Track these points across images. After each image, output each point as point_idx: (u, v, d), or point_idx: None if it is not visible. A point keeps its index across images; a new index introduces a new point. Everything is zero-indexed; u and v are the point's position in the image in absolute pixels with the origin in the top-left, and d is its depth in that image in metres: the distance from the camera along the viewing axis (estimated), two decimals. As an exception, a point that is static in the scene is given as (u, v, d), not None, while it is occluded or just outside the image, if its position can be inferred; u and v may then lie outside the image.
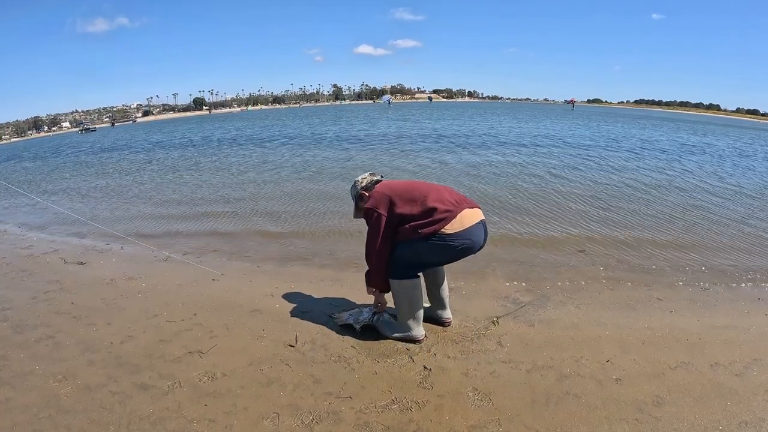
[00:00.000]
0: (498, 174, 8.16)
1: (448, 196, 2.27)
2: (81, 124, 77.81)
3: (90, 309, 3.01)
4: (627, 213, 5.46)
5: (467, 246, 2.22)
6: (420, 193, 2.27)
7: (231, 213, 5.97)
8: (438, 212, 2.19)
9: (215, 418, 1.85)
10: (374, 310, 2.61)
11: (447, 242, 2.18)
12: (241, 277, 3.56)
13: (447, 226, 2.17)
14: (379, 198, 2.31)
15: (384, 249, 2.29)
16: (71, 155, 18.79)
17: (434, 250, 2.22)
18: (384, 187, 2.37)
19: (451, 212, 2.19)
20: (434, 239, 2.19)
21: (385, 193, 2.31)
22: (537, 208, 5.69)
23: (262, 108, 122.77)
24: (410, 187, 2.33)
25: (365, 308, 2.73)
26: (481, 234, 2.27)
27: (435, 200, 2.22)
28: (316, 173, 8.90)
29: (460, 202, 2.28)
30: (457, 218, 2.19)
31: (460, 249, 2.22)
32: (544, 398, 1.94)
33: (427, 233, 2.18)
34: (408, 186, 2.35)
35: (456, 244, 2.19)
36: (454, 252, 2.23)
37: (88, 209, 6.88)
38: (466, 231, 2.19)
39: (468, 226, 2.20)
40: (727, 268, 3.70)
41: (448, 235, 2.18)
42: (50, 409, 1.95)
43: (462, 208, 2.23)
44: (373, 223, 2.30)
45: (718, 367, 2.16)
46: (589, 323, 2.64)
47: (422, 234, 2.19)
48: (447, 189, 2.35)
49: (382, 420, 1.82)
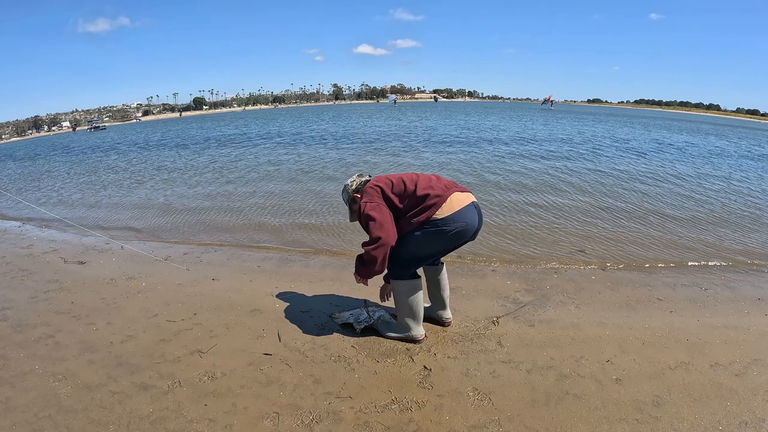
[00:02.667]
0: (498, 174, 8.16)
1: (436, 182, 2.25)
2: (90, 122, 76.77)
3: (90, 308, 3.00)
4: (627, 213, 5.47)
5: (461, 229, 2.18)
6: (409, 183, 2.25)
7: (231, 213, 5.97)
8: (428, 198, 2.17)
9: (215, 418, 1.85)
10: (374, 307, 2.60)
11: (440, 227, 2.16)
12: (241, 276, 3.56)
13: (438, 211, 2.15)
14: (372, 192, 2.29)
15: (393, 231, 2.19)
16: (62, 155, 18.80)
17: (429, 238, 2.19)
18: (374, 182, 2.34)
19: (440, 197, 2.18)
20: (427, 227, 2.17)
21: (377, 187, 2.29)
22: (537, 208, 5.69)
23: (261, 108, 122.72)
24: (399, 180, 2.30)
25: (365, 308, 2.72)
26: (474, 216, 2.23)
27: (424, 188, 2.21)
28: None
29: (449, 186, 2.26)
30: (447, 202, 2.17)
31: (454, 233, 2.18)
32: (544, 398, 1.94)
33: (420, 221, 2.17)
34: (397, 179, 2.32)
35: (449, 228, 2.16)
36: (448, 237, 2.19)
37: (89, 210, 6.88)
38: (457, 213, 2.16)
39: (458, 208, 2.17)
40: (728, 267, 3.70)
41: (441, 220, 2.15)
42: (50, 408, 1.95)
43: (451, 192, 2.21)
44: (371, 214, 2.20)
45: (718, 367, 2.16)
46: (589, 323, 2.64)
47: (415, 223, 2.18)
48: (435, 176, 2.34)
49: (382, 420, 1.82)
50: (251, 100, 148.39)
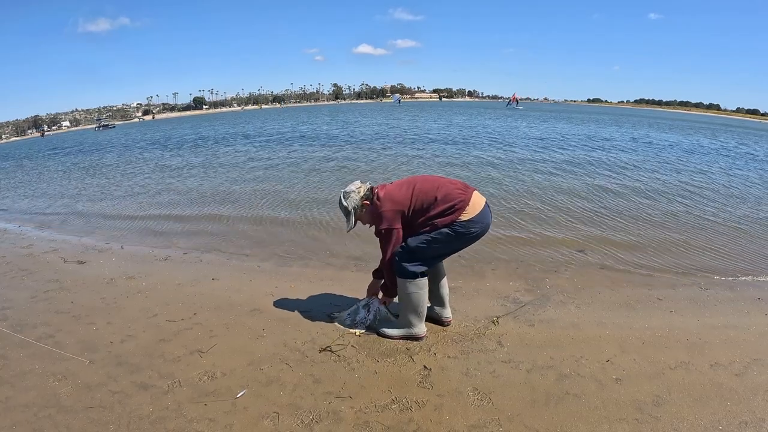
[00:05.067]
0: (498, 173, 8.16)
1: (453, 187, 2.27)
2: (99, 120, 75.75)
3: (90, 308, 3.00)
4: (626, 213, 5.46)
5: (481, 230, 2.26)
6: (429, 193, 2.25)
7: (231, 211, 5.98)
8: (452, 202, 2.20)
9: (215, 418, 1.85)
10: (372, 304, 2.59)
11: (466, 228, 2.20)
12: (241, 276, 3.56)
13: (463, 213, 2.19)
14: (392, 216, 2.26)
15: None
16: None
17: (451, 238, 2.22)
18: (391, 203, 2.27)
19: (463, 200, 2.21)
20: (452, 228, 2.20)
21: (397, 210, 2.26)
22: (537, 208, 5.69)
23: (262, 107, 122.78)
24: (416, 191, 2.26)
25: (364, 308, 2.71)
26: (489, 215, 2.31)
27: (445, 194, 2.23)
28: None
29: (466, 187, 2.30)
30: (470, 204, 2.21)
31: (475, 234, 2.25)
32: (544, 398, 1.94)
33: (444, 223, 2.20)
34: (413, 191, 2.27)
35: (474, 229, 2.22)
36: (470, 238, 2.26)
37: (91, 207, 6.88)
38: (479, 215, 2.22)
39: (480, 209, 2.23)
40: (728, 267, 3.70)
41: (466, 222, 2.20)
42: (50, 408, 1.95)
43: (470, 193, 2.26)
44: (393, 242, 2.28)
45: (718, 367, 2.16)
46: (589, 323, 2.64)
47: (438, 224, 2.20)
48: (448, 179, 2.36)
49: (381, 419, 1.82)
50: (251, 100, 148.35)
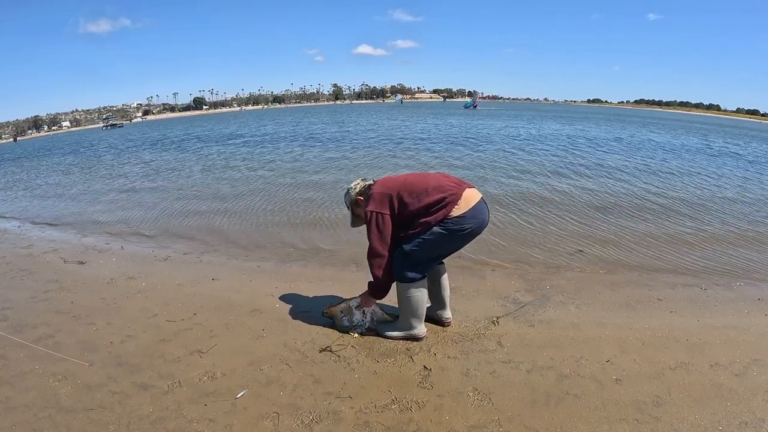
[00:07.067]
0: (498, 173, 8.16)
1: (446, 180, 2.25)
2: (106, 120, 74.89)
3: (90, 308, 3.00)
4: (626, 213, 5.46)
5: (475, 227, 2.19)
6: (419, 184, 2.23)
7: (231, 211, 5.98)
8: (443, 197, 2.16)
9: (215, 418, 1.85)
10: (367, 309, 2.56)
11: (458, 225, 2.15)
12: (241, 276, 3.56)
13: (454, 208, 2.15)
14: (379, 199, 2.25)
15: (389, 245, 2.25)
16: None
17: (445, 237, 2.17)
18: (381, 187, 2.30)
19: (454, 194, 2.17)
20: (443, 225, 2.15)
21: (385, 192, 2.26)
22: (537, 207, 5.69)
23: (263, 107, 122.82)
24: (407, 182, 2.28)
25: (358, 309, 2.65)
26: (485, 212, 2.25)
27: (436, 187, 2.20)
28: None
29: (460, 183, 2.26)
30: (462, 198, 2.17)
31: (469, 232, 2.18)
32: (544, 398, 1.94)
33: (437, 219, 2.16)
34: (404, 180, 2.30)
35: (466, 226, 2.16)
36: (463, 236, 2.19)
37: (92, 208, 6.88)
38: (471, 210, 2.16)
39: (473, 204, 2.18)
40: (728, 267, 3.70)
41: (457, 218, 2.14)
42: (50, 408, 1.95)
43: (463, 188, 2.22)
44: (377, 226, 2.23)
45: (718, 367, 2.16)
46: (589, 323, 2.64)
47: (430, 222, 2.16)
48: (443, 174, 2.34)
49: (381, 420, 1.82)
50: (251, 100, 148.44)
